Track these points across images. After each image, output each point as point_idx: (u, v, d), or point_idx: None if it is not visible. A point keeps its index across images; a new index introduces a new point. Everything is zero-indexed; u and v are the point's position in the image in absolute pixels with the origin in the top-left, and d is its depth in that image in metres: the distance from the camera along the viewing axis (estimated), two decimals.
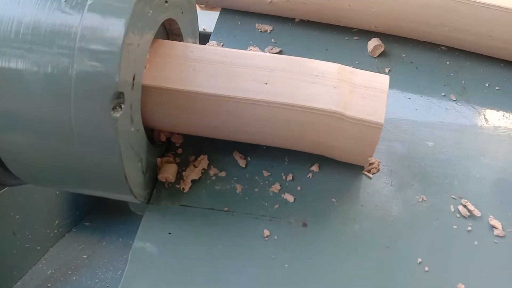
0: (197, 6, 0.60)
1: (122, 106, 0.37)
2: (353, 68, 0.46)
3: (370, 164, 0.48)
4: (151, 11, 0.41)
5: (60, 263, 0.85)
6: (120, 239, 0.93)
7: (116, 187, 0.42)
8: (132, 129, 0.40)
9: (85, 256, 0.87)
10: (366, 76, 0.45)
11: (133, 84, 0.39)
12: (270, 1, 0.62)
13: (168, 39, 0.52)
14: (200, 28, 0.81)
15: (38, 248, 0.83)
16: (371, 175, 0.48)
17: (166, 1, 0.45)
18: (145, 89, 0.43)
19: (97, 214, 0.99)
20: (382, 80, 0.45)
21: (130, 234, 0.93)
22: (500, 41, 0.58)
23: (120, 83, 0.36)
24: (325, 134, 0.44)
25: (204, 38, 0.63)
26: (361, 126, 0.43)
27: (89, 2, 0.37)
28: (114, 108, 0.37)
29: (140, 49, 0.40)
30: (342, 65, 0.46)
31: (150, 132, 0.50)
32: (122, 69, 0.36)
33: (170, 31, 0.51)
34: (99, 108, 0.36)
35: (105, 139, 0.37)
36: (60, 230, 0.90)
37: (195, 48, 0.47)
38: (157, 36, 0.48)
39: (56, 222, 0.88)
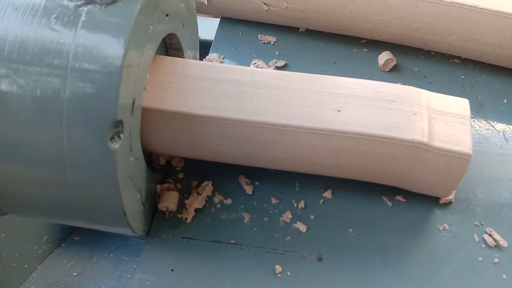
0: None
1: (121, 135, 0.33)
2: (429, 92, 0.42)
3: None
4: (151, 27, 0.37)
5: (49, 281, 0.80)
6: (112, 254, 0.88)
7: (113, 222, 0.38)
8: (131, 158, 0.36)
9: (75, 274, 0.83)
10: (444, 100, 0.42)
11: (132, 109, 0.35)
12: (267, 9, 0.59)
13: (167, 54, 0.48)
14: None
15: (26, 266, 0.78)
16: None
17: (167, 14, 0.41)
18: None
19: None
20: (462, 104, 0.42)
21: (122, 249, 0.90)
22: (511, 51, 0.55)
23: (119, 110, 0.32)
24: (407, 166, 0.40)
25: (201, 46, 0.60)
26: (447, 157, 0.39)
27: (83, 18, 0.33)
28: (111, 139, 0.33)
29: (141, 69, 0.36)
30: (417, 88, 0.42)
31: (148, 156, 0.46)
32: (121, 94, 0.32)
33: (169, 45, 0.47)
34: (95, 139, 0.32)
35: (100, 172, 0.33)
36: (48, 246, 0.85)
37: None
38: (156, 52, 0.44)
39: (45, 238, 0.84)
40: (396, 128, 0.39)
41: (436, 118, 0.40)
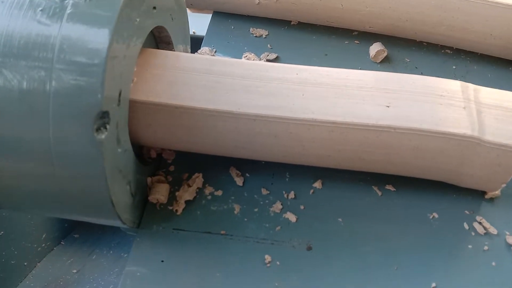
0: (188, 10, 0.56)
1: (107, 126, 0.34)
2: (475, 85, 0.42)
3: None
4: (138, 19, 0.37)
5: (49, 279, 0.81)
6: (111, 251, 0.89)
7: (102, 214, 0.38)
8: (119, 150, 0.37)
9: (74, 271, 0.83)
10: (491, 94, 0.42)
11: (119, 101, 0.35)
12: (258, 2, 0.59)
13: (157, 47, 0.48)
14: (190, 31, 0.77)
15: (25, 264, 0.79)
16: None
17: (155, 7, 0.41)
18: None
19: (87, 225, 0.95)
20: (509, 98, 0.42)
21: (122, 246, 0.90)
22: (501, 40, 0.55)
23: (105, 101, 0.32)
24: (457, 161, 0.40)
25: (194, 42, 0.60)
26: (498, 151, 0.39)
27: (68, 11, 0.33)
28: (98, 130, 0.33)
29: (127, 61, 0.36)
30: (464, 82, 0.42)
31: (139, 149, 0.46)
32: (107, 85, 0.32)
33: (159, 39, 0.47)
34: (81, 130, 0.32)
35: (88, 164, 0.34)
36: (48, 244, 0.86)
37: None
38: (145, 45, 0.44)
39: (44, 236, 0.84)
40: (447, 122, 0.39)
41: (484, 112, 0.40)
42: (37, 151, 0.34)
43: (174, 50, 0.48)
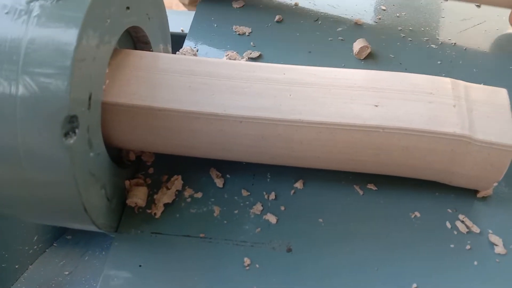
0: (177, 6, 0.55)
1: (76, 130, 0.33)
2: (466, 82, 0.42)
3: None
4: (109, 20, 0.36)
5: (40, 281, 0.80)
6: (104, 252, 0.88)
7: (76, 219, 0.37)
8: (91, 154, 0.36)
9: (66, 272, 0.83)
10: (481, 91, 0.41)
11: (89, 104, 0.35)
12: None
13: (136, 47, 0.48)
14: (178, 30, 0.76)
15: (16, 267, 0.78)
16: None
17: (128, 7, 0.40)
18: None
19: None
20: (500, 94, 0.41)
21: None
22: None
23: (72, 105, 0.32)
24: (448, 160, 0.39)
25: (181, 40, 0.59)
26: (490, 150, 0.38)
27: (34, 13, 0.33)
28: (66, 134, 0.32)
29: (97, 63, 0.35)
30: (454, 79, 0.41)
31: (118, 151, 0.45)
32: (74, 88, 0.32)
33: (136, 39, 0.46)
34: (49, 135, 0.32)
35: (57, 169, 0.33)
36: (40, 246, 0.85)
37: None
38: (121, 46, 0.43)
39: (35, 238, 0.84)
40: (437, 121, 0.38)
41: (475, 110, 0.39)
42: (6, 156, 0.33)
43: (152, 50, 0.48)
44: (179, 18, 0.88)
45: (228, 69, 0.41)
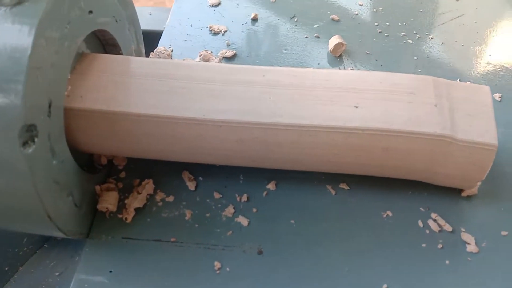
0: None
1: (36, 139, 0.32)
2: (448, 80, 0.41)
3: None
4: (68, 25, 0.36)
5: (31, 283, 0.80)
6: None
7: (42, 227, 0.37)
8: (55, 161, 0.35)
9: (57, 273, 0.82)
10: (464, 89, 0.40)
11: (49, 112, 0.34)
12: None
13: (105, 51, 0.47)
14: (162, 28, 0.75)
15: (6, 269, 0.78)
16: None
17: (91, 11, 0.39)
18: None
19: None
20: (483, 92, 0.40)
21: None
22: None
23: (29, 114, 0.31)
24: (430, 160, 0.39)
25: (152, 37, 0.59)
26: (472, 149, 0.38)
27: None
28: (24, 144, 0.32)
29: (56, 69, 0.35)
30: (436, 78, 0.41)
31: (89, 155, 0.45)
32: (30, 97, 0.31)
33: (104, 41, 0.46)
34: (6, 145, 0.31)
35: (18, 178, 0.32)
36: (30, 247, 0.85)
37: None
38: (91, 49, 0.43)
39: (25, 240, 0.83)
40: (417, 122, 0.38)
41: (457, 108, 0.39)
42: None
43: (121, 53, 0.47)
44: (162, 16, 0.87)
45: (207, 72, 0.41)
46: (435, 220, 0.42)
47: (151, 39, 0.59)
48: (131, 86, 0.40)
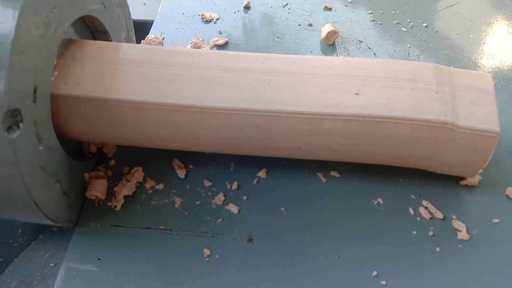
0: None
1: (20, 124, 0.32)
2: (450, 67, 0.40)
3: None
4: (54, 10, 0.35)
5: (26, 273, 0.80)
6: None
7: (29, 214, 0.37)
8: (41, 148, 0.35)
9: (52, 265, 0.82)
10: (466, 76, 0.40)
11: (35, 97, 0.34)
12: None
13: (94, 38, 0.46)
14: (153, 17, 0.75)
15: (1, 260, 0.78)
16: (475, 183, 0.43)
17: None
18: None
19: None
20: (485, 79, 0.40)
21: None
22: None
23: (12, 99, 0.31)
24: (432, 148, 0.39)
25: (143, 26, 0.58)
26: (474, 136, 0.37)
27: None
28: (9, 129, 0.31)
29: (42, 55, 0.34)
30: (438, 65, 0.40)
31: (78, 143, 0.45)
32: (13, 82, 0.31)
33: (93, 28, 0.45)
34: None
35: (3, 164, 0.32)
36: (25, 238, 0.84)
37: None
38: (80, 35, 0.42)
39: (20, 231, 0.83)
40: (419, 109, 0.37)
41: (459, 95, 0.38)
42: None
43: (111, 39, 0.47)
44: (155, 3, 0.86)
45: (206, 59, 0.40)
46: (426, 208, 0.41)
47: (145, 29, 0.59)
48: (124, 73, 0.39)
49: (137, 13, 0.81)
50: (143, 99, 0.38)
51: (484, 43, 0.55)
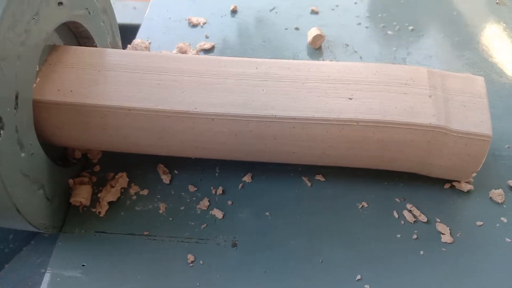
0: None
1: (1, 131, 0.32)
2: (442, 71, 0.41)
3: None
4: (35, 17, 0.35)
5: (17, 279, 0.80)
6: None
7: (12, 220, 0.37)
8: (23, 154, 0.35)
9: (43, 270, 0.81)
10: (458, 80, 0.40)
11: (16, 104, 0.34)
12: None
13: (79, 43, 0.46)
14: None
15: None
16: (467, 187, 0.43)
17: (61, 3, 0.39)
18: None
19: None
20: (477, 82, 0.40)
21: None
22: None
23: None
24: (425, 151, 0.39)
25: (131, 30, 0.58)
26: (467, 140, 0.38)
27: None
28: None
29: (23, 61, 0.34)
30: (430, 69, 0.40)
31: (63, 149, 0.45)
32: None
33: (78, 34, 0.45)
34: None
35: None
36: (16, 244, 0.84)
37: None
38: (64, 41, 0.42)
39: (11, 237, 0.83)
40: (412, 113, 0.38)
41: (452, 99, 0.39)
42: None
43: (96, 45, 0.46)
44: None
45: (199, 65, 0.40)
46: (410, 211, 0.42)
47: (134, 33, 0.59)
48: (110, 79, 0.39)
49: (127, 17, 0.81)
50: (135, 106, 0.38)
51: (470, 46, 0.55)
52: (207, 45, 0.55)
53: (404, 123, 0.37)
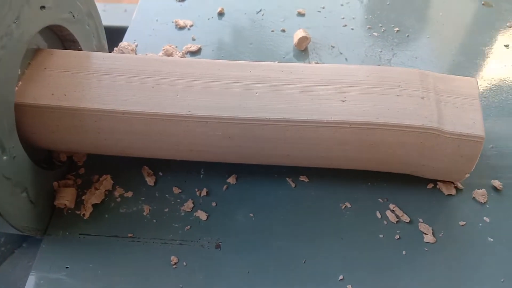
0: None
1: None
2: (435, 73, 0.41)
3: None
4: (16, 21, 0.35)
5: (8, 282, 0.80)
6: None
7: None
8: (5, 157, 0.35)
9: None
10: (451, 81, 0.41)
11: None
12: None
13: (64, 47, 0.47)
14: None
15: None
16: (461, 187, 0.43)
17: (43, 7, 0.39)
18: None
19: None
20: (470, 84, 0.40)
21: None
22: None
23: None
24: (418, 153, 0.39)
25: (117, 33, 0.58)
26: (460, 141, 0.38)
27: None
28: None
29: (4, 65, 0.34)
30: (422, 71, 0.41)
31: (48, 152, 0.45)
32: None
33: (62, 37, 0.45)
34: None
35: None
36: (8, 247, 0.83)
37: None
38: (49, 44, 0.43)
39: (3, 240, 0.82)
40: (404, 115, 0.38)
41: (444, 101, 0.39)
42: None
43: (81, 48, 0.47)
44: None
45: (192, 68, 0.40)
46: (393, 211, 0.42)
47: (124, 36, 0.59)
48: (103, 83, 0.39)
49: (118, 19, 0.81)
50: (129, 109, 0.38)
51: (455, 47, 0.56)
52: (194, 48, 0.55)
53: (397, 125, 0.38)
